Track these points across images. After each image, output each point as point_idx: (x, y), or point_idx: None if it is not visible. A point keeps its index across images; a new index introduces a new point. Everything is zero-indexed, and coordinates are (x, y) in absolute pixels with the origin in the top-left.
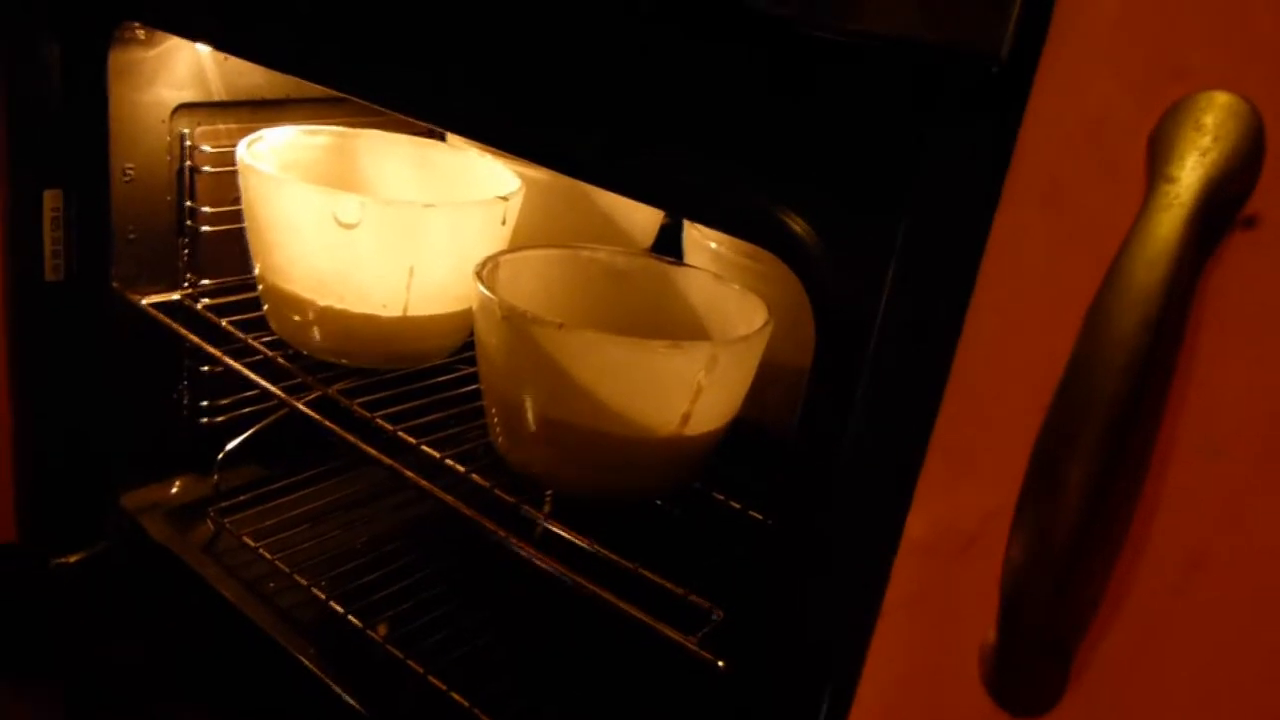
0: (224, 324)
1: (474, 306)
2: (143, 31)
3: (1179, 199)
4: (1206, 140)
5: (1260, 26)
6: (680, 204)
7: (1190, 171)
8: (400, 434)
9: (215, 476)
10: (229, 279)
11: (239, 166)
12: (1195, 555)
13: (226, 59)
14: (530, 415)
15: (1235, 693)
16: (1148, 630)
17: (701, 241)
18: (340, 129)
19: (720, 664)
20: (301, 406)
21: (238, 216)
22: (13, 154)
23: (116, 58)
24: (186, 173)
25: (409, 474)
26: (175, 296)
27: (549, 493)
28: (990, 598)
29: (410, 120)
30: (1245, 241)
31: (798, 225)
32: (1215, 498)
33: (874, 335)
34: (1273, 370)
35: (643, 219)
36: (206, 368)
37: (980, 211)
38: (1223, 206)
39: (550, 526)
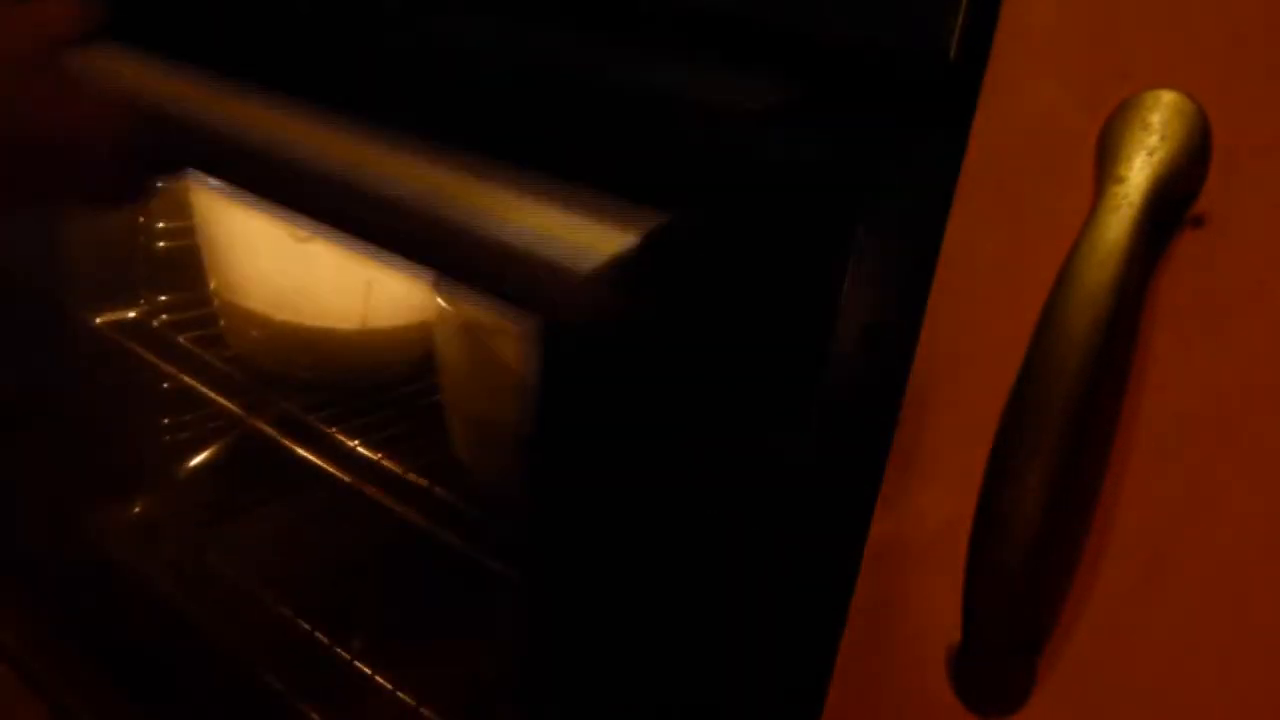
0: (181, 341)
1: (434, 318)
2: None
3: (1128, 199)
4: (1154, 139)
5: (1203, 23)
6: None
7: (1138, 171)
8: (359, 449)
9: (178, 495)
10: (186, 295)
11: (190, 183)
12: (1157, 552)
13: None
14: (493, 427)
15: (1200, 688)
16: (1113, 627)
17: None
18: None
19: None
20: (260, 424)
21: (193, 232)
22: None
23: None
24: None
25: (369, 489)
26: (131, 315)
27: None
28: (956, 599)
29: None
30: (1194, 240)
31: None
32: (1174, 495)
33: (831, 340)
34: (1225, 367)
35: None
36: (165, 385)
37: (934, 215)
38: (1172, 206)
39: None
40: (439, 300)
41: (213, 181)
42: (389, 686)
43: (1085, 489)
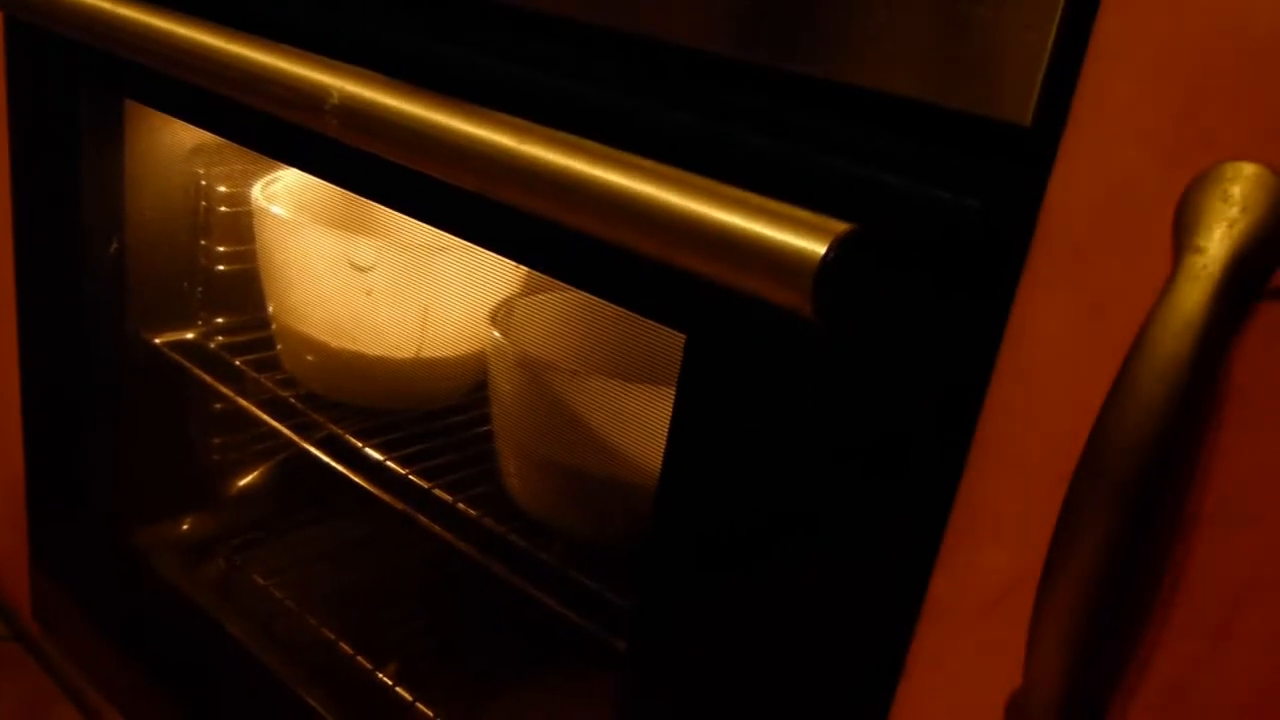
0: (237, 363)
1: (488, 350)
2: None
3: (1207, 270)
4: (1234, 211)
5: None
6: None
7: (1218, 243)
8: (411, 477)
9: (226, 514)
10: (243, 317)
11: (254, 209)
12: (1224, 623)
13: None
14: (543, 461)
15: None
16: (1176, 696)
17: None
18: None
19: None
20: (311, 448)
21: (252, 256)
22: (28, 200)
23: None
24: (202, 212)
25: (421, 518)
26: (189, 335)
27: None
28: (1013, 659)
29: None
30: (1275, 313)
31: None
32: (1243, 566)
33: (898, 400)
34: None
35: None
36: (219, 405)
37: (1004, 278)
38: (1251, 278)
39: (570, 573)
40: (494, 333)
41: (277, 208)
42: (430, 713)
43: (1153, 557)
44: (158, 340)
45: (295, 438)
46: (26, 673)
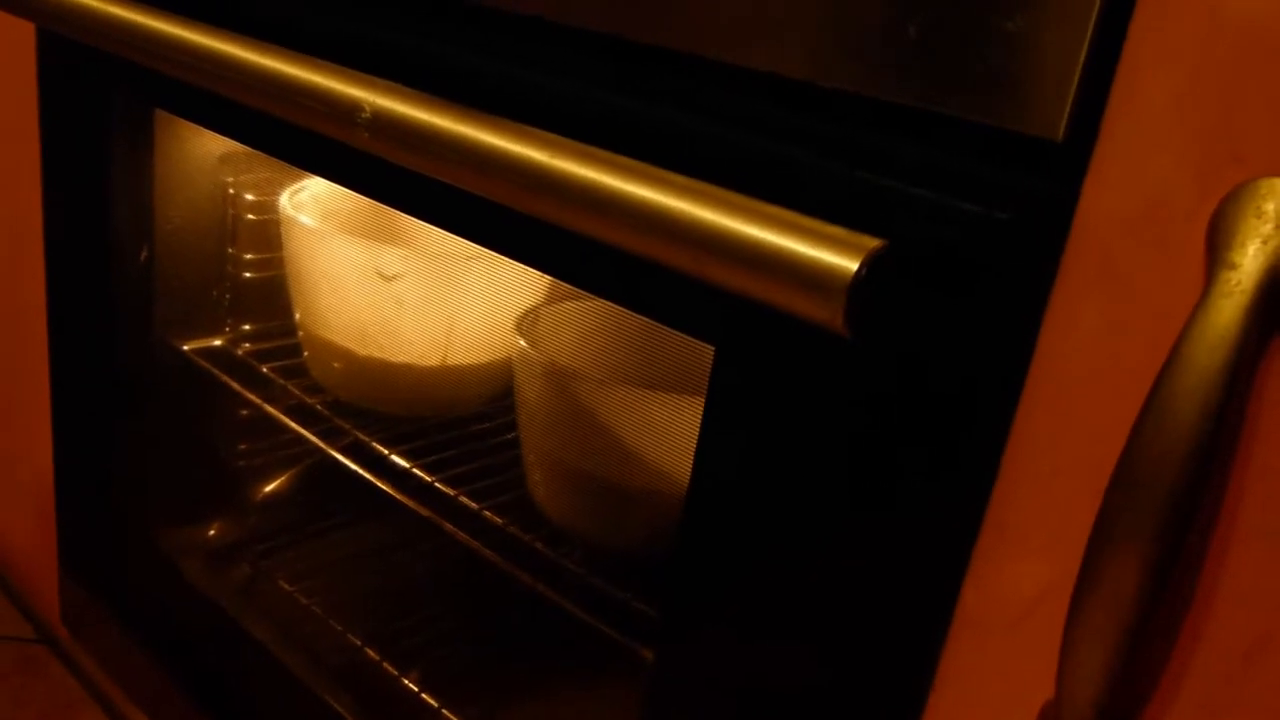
0: (264, 370)
1: (514, 358)
2: None
3: (1240, 286)
4: (1268, 228)
5: None
6: None
7: (1252, 259)
8: (437, 484)
9: (252, 519)
10: (270, 324)
11: (282, 217)
12: (1258, 639)
13: None
14: (569, 469)
15: None
16: (1210, 712)
17: None
18: None
19: None
20: (337, 454)
21: (280, 263)
22: (60, 207)
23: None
24: (230, 220)
25: (446, 525)
26: (216, 342)
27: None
28: (1043, 671)
29: None
30: None
31: None
32: (1278, 581)
33: (929, 413)
34: None
35: None
36: (246, 411)
37: (1036, 292)
38: None
39: (595, 581)
40: (520, 341)
41: (304, 216)
42: (454, 719)
43: (1188, 570)
44: (185, 347)
45: (321, 444)
46: (54, 676)
